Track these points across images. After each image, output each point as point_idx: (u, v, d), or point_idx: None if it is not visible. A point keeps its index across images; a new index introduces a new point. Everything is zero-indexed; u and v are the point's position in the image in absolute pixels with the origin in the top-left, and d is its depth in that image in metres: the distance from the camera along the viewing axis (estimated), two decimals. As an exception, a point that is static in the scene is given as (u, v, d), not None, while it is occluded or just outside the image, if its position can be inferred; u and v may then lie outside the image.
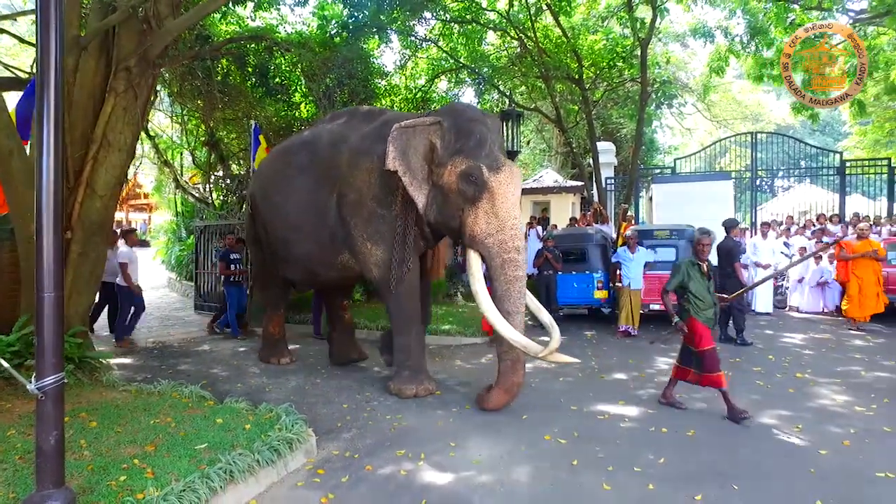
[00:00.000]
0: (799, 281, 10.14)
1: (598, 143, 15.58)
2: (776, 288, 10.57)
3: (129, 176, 12.84)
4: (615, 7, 14.84)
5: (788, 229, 11.25)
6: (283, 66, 11.46)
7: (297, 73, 11.35)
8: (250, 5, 11.39)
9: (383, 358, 6.16)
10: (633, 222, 12.35)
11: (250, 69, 11.19)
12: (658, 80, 16.61)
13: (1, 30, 8.46)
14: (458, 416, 4.64)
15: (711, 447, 3.90)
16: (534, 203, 16.31)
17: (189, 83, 10.72)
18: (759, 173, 15.56)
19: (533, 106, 16.62)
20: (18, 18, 10.06)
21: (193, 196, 13.49)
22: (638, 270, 8.00)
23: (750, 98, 26.64)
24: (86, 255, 5.59)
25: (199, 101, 11.20)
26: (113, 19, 5.45)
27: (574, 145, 17.85)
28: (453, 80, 15.89)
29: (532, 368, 5.87)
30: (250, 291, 8.57)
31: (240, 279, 8.48)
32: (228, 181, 12.92)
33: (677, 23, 19.69)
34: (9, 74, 7.64)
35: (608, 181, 16.55)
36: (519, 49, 14.55)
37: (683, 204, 11.00)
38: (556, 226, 12.69)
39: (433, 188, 4.92)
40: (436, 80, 14.82)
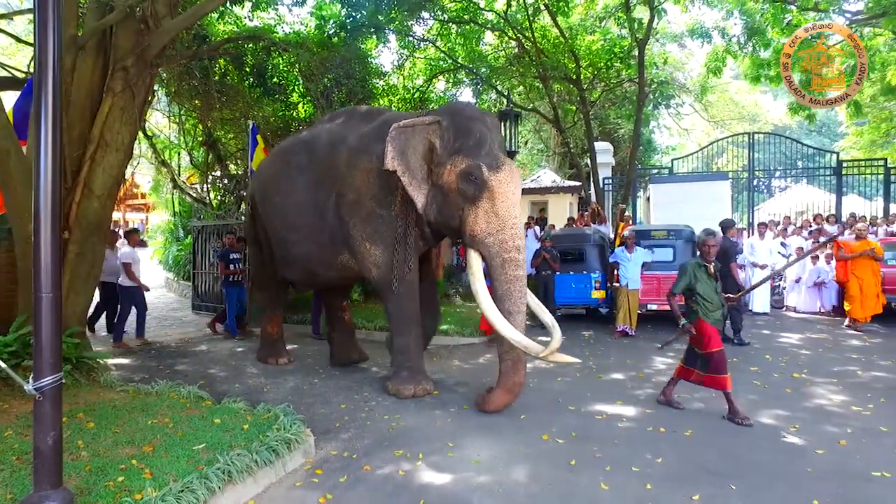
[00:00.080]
0: (796, 281, 10.17)
1: (596, 144, 15.62)
2: (773, 288, 10.61)
3: (127, 176, 12.83)
4: (613, 7, 14.86)
5: (785, 229, 11.27)
6: (281, 66, 11.45)
7: (295, 73, 11.33)
8: (248, 5, 11.38)
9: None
10: (631, 222, 12.35)
11: (248, 69, 11.18)
12: (655, 81, 16.67)
13: (-2, 29, 8.44)
14: (457, 417, 4.65)
15: (709, 447, 3.92)
16: (531, 203, 16.30)
17: (187, 83, 10.69)
18: (757, 173, 15.60)
19: (531, 106, 16.64)
20: (15, 17, 10.01)
21: (191, 196, 13.45)
22: (635, 270, 8.02)
23: (747, 98, 26.67)
24: (83, 256, 5.57)
25: (197, 101, 11.18)
26: (110, 19, 5.43)
27: (572, 145, 17.89)
28: (451, 81, 15.89)
29: (530, 368, 5.86)
30: (251, 291, 8.56)
31: (239, 279, 8.47)
32: (226, 181, 12.90)
33: (675, 23, 19.77)
34: (5, 74, 7.60)
35: (606, 181, 16.58)
36: (517, 49, 14.57)
37: (681, 204, 11.04)
38: (554, 226, 12.66)
39: (433, 188, 4.91)
40: (433, 81, 14.82)
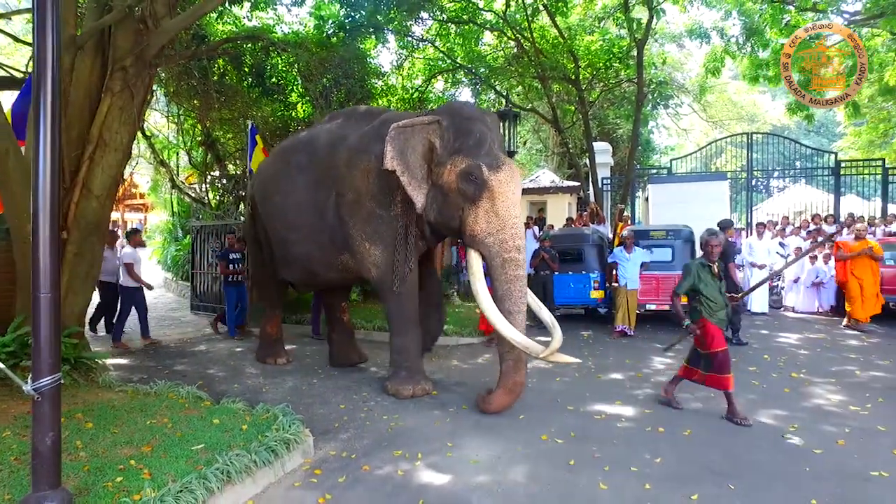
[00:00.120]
0: (794, 281, 10.19)
1: (595, 144, 15.63)
2: (771, 288, 10.64)
3: (126, 176, 12.80)
4: (612, 8, 14.87)
5: (784, 229, 11.29)
6: (280, 66, 11.44)
7: (294, 73, 11.33)
8: (247, 5, 11.37)
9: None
10: (630, 222, 12.38)
11: (247, 69, 11.18)
12: (654, 81, 16.69)
13: (-4, 29, 8.43)
14: (456, 417, 4.65)
15: (708, 447, 3.92)
16: (530, 203, 16.32)
17: (185, 83, 10.69)
18: (755, 173, 15.63)
19: (529, 106, 16.65)
20: (13, 17, 10.00)
21: (190, 196, 13.44)
22: (634, 270, 8.02)
23: (746, 99, 26.71)
24: (82, 256, 5.56)
25: (196, 101, 11.18)
26: (109, 19, 5.42)
27: (570, 145, 17.88)
28: (450, 81, 15.89)
29: (529, 368, 5.84)
30: (251, 291, 8.55)
31: (239, 279, 8.46)
32: (225, 181, 12.89)
33: (673, 23, 19.83)
34: (4, 74, 7.58)
35: (604, 181, 16.59)
36: (516, 49, 14.57)
37: (679, 204, 11.05)
38: (553, 226, 12.66)
39: (433, 188, 4.90)
40: (432, 81, 14.82)
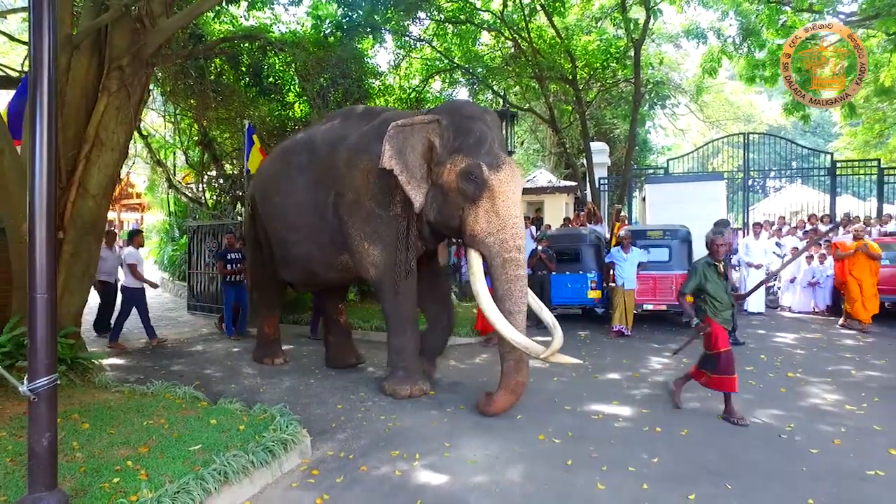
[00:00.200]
0: (791, 281, 10.22)
1: (592, 144, 15.63)
2: (768, 288, 10.67)
3: (122, 175, 12.74)
4: (609, 8, 14.89)
5: (780, 229, 11.33)
6: (277, 66, 11.41)
7: (291, 73, 11.30)
8: (244, 4, 11.33)
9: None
10: (627, 222, 12.39)
11: (244, 68, 11.14)
12: (651, 81, 16.72)
13: (-9, 28, 8.40)
14: (453, 417, 4.64)
15: (705, 447, 3.93)
16: (527, 203, 16.34)
17: (182, 82, 10.65)
18: (752, 174, 15.66)
19: (527, 106, 16.65)
20: (9, 16, 9.96)
21: (186, 196, 13.40)
22: (632, 270, 8.03)
23: (742, 99, 26.77)
24: (78, 256, 5.54)
25: (193, 101, 11.14)
26: (105, 18, 5.40)
27: (567, 145, 17.90)
28: (447, 81, 15.87)
29: (526, 368, 5.88)
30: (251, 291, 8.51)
31: (238, 279, 8.43)
32: (222, 181, 12.85)
33: (670, 24, 19.83)
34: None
35: (601, 181, 16.61)
36: (513, 49, 14.57)
37: (677, 204, 11.05)
38: (550, 226, 12.67)
39: (432, 187, 4.88)
40: (430, 81, 14.79)
